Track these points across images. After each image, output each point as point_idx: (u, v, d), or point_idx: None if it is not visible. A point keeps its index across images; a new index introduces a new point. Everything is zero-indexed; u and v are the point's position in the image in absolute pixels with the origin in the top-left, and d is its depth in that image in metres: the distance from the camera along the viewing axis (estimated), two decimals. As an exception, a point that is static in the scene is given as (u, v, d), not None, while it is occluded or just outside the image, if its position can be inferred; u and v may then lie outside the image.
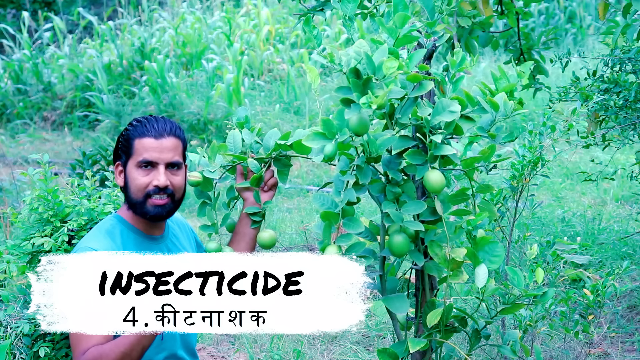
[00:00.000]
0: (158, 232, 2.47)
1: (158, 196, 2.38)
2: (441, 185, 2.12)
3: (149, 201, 2.38)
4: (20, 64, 11.75)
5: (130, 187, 2.40)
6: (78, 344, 2.29)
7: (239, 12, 12.63)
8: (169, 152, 2.39)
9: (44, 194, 3.14)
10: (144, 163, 2.37)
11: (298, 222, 6.19)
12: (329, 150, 2.13)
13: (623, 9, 3.38)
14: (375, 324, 4.40)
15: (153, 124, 2.39)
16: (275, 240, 2.45)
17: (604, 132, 3.79)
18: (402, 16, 2.07)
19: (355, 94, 2.09)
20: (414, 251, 2.25)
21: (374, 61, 2.06)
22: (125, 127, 2.44)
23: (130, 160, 2.39)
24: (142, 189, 2.38)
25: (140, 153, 2.38)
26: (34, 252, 3.15)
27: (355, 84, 2.09)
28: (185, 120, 9.78)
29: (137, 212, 2.42)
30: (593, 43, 11.18)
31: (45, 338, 3.12)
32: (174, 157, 2.40)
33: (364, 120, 2.10)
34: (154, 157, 2.38)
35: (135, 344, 2.24)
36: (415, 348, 2.20)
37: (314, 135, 2.17)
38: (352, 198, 2.17)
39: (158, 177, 2.37)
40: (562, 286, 4.50)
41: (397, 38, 2.10)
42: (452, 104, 2.11)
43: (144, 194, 2.38)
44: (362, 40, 2.09)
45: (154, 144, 2.38)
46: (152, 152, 2.38)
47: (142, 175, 2.38)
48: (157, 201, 2.39)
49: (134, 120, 2.44)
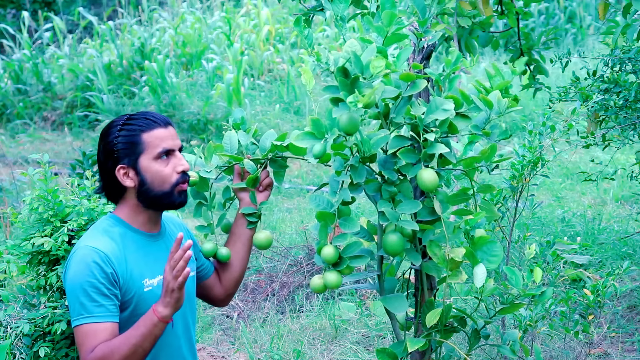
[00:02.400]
0: (156, 229, 2.46)
1: (182, 182, 2.38)
2: (434, 183, 2.12)
3: (176, 189, 2.37)
4: (20, 64, 11.75)
5: (154, 181, 2.35)
6: (85, 341, 2.28)
7: (239, 12, 12.63)
8: (176, 138, 2.40)
9: (44, 194, 3.14)
10: (164, 153, 2.35)
11: (298, 222, 6.19)
12: (318, 149, 2.13)
13: (623, 9, 3.38)
14: (375, 324, 4.40)
15: (153, 116, 2.38)
16: (271, 241, 2.46)
17: (604, 132, 3.79)
18: (389, 14, 2.07)
19: (342, 92, 2.09)
20: (411, 251, 2.25)
21: (361, 60, 2.06)
22: (116, 129, 2.36)
23: (144, 156, 2.34)
24: (169, 179, 2.35)
25: (155, 145, 2.34)
26: (34, 252, 3.15)
27: (343, 83, 2.09)
28: (185, 120, 9.78)
29: (161, 204, 2.38)
30: (593, 43, 11.17)
31: (45, 338, 3.12)
32: (180, 142, 2.42)
33: (353, 120, 2.10)
34: (171, 145, 2.37)
35: (147, 335, 2.24)
36: (414, 347, 2.21)
37: (303, 135, 2.17)
38: (347, 198, 2.18)
39: (181, 162, 2.37)
40: (562, 286, 4.50)
41: (386, 36, 2.10)
42: (446, 102, 2.11)
43: (172, 184, 2.36)
44: (354, 40, 2.09)
45: (166, 133, 2.37)
46: (168, 140, 2.36)
47: (163, 166, 2.35)
48: (183, 187, 2.38)
49: (120, 122, 2.38)
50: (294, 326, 4.43)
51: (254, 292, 5.00)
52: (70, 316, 2.34)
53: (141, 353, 2.26)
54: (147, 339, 2.24)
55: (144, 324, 2.26)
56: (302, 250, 5.35)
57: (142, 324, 2.26)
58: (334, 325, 4.38)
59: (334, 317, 4.46)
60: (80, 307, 2.30)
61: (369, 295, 4.81)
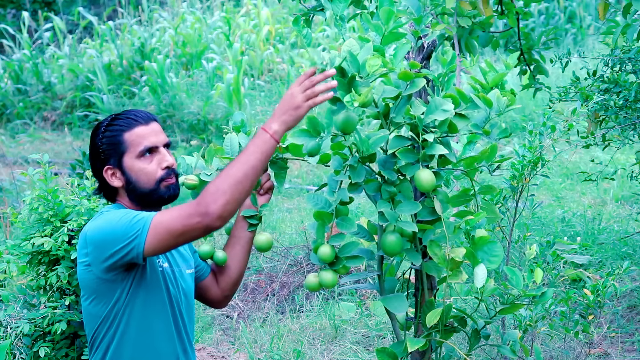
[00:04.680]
0: None
1: (167, 177, 2.37)
2: (431, 184, 2.12)
3: (162, 184, 2.36)
4: (20, 64, 11.75)
5: (139, 179, 2.35)
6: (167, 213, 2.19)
7: (239, 12, 12.63)
8: (161, 134, 2.38)
9: (44, 194, 3.14)
10: (146, 150, 2.34)
11: (298, 222, 6.19)
12: (311, 146, 2.13)
13: (623, 9, 3.38)
14: (375, 324, 4.40)
15: (135, 114, 2.37)
16: (272, 244, 2.45)
17: (604, 132, 3.79)
18: (386, 11, 2.07)
19: (340, 92, 2.09)
20: (411, 251, 2.25)
21: (358, 59, 2.06)
22: (101, 131, 2.37)
23: (127, 155, 2.35)
24: (153, 175, 2.35)
25: (137, 143, 2.34)
26: (34, 252, 3.15)
27: (340, 82, 2.09)
28: (185, 120, 9.78)
29: (151, 201, 2.37)
30: (593, 43, 11.17)
31: (45, 338, 3.12)
32: (166, 138, 2.40)
33: (350, 119, 2.10)
34: (153, 142, 2.36)
35: (257, 151, 2.15)
36: (414, 347, 2.21)
37: (299, 132, 2.18)
38: (345, 198, 2.17)
39: (166, 158, 2.36)
40: (562, 286, 4.50)
41: (384, 35, 2.10)
42: (445, 103, 2.11)
43: (156, 180, 2.35)
44: (352, 40, 2.09)
45: (147, 130, 2.36)
46: (150, 137, 2.35)
47: (147, 164, 2.35)
48: (169, 181, 2.36)
49: (104, 123, 2.38)
50: (294, 326, 4.43)
51: (254, 292, 5.00)
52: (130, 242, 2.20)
53: (251, 173, 2.15)
54: (257, 156, 2.15)
55: (252, 142, 2.17)
56: (302, 250, 5.35)
57: (250, 143, 2.17)
58: (334, 325, 4.38)
59: (334, 317, 4.46)
60: (134, 220, 2.21)
61: (368, 295, 4.81)
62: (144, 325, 2.36)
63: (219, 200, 2.14)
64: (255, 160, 2.16)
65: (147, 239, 2.19)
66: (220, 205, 2.14)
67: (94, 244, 2.27)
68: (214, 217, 2.14)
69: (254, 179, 2.17)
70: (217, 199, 2.14)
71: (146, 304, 2.35)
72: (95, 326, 2.37)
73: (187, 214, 2.16)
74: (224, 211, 2.14)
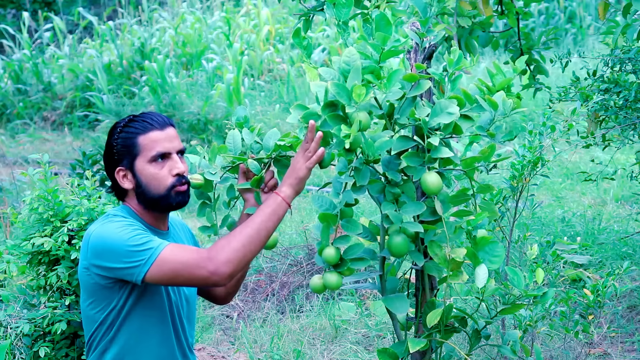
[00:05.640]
0: (164, 228, 2.46)
1: (179, 184, 2.37)
2: (438, 187, 2.12)
3: (173, 191, 2.36)
4: (20, 64, 11.75)
5: (149, 184, 2.35)
6: (179, 254, 2.22)
7: (239, 12, 12.64)
8: (175, 140, 2.38)
9: (44, 194, 3.14)
10: (158, 156, 2.34)
11: (298, 222, 6.19)
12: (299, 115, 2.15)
13: (623, 9, 3.38)
14: (375, 324, 4.40)
15: (151, 118, 2.37)
16: (276, 241, 2.45)
17: (604, 132, 3.79)
18: (382, 36, 2.07)
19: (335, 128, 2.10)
20: (413, 251, 2.25)
21: (346, 88, 2.06)
22: (117, 131, 2.38)
23: (139, 159, 2.35)
24: (164, 181, 2.35)
25: (150, 148, 2.34)
26: (34, 252, 3.15)
27: (332, 118, 2.10)
28: (185, 120, 9.78)
29: (160, 206, 2.37)
30: (593, 43, 11.17)
31: (45, 338, 3.12)
32: (181, 144, 2.41)
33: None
34: (167, 148, 2.36)
35: (271, 213, 2.22)
36: (415, 348, 2.20)
37: (296, 106, 2.18)
38: (350, 200, 2.18)
39: (177, 165, 2.36)
40: (562, 286, 4.50)
41: (382, 53, 2.10)
42: (451, 105, 2.11)
43: (167, 187, 2.35)
44: (352, 48, 2.09)
45: (162, 135, 2.36)
46: (163, 143, 2.35)
47: (159, 169, 2.35)
48: (180, 188, 2.36)
49: (121, 123, 2.39)
50: (294, 326, 4.43)
51: (254, 292, 5.00)
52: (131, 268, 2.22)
53: (264, 234, 2.22)
54: (271, 218, 2.22)
55: (266, 204, 2.25)
56: (302, 250, 5.35)
57: (264, 206, 2.25)
58: (334, 325, 4.38)
59: (334, 317, 4.46)
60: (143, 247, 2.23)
61: (369, 295, 4.80)
62: (141, 332, 2.35)
63: (231, 260, 2.18)
64: (269, 222, 2.23)
65: (149, 271, 2.21)
66: (231, 266, 2.18)
67: (95, 253, 2.28)
68: (223, 277, 2.19)
69: (265, 241, 2.24)
70: (229, 258, 2.18)
71: (145, 311, 2.35)
72: (92, 329, 2.37)
73: (196, 264, 2.19)
74: (234, 271, 2.19)
